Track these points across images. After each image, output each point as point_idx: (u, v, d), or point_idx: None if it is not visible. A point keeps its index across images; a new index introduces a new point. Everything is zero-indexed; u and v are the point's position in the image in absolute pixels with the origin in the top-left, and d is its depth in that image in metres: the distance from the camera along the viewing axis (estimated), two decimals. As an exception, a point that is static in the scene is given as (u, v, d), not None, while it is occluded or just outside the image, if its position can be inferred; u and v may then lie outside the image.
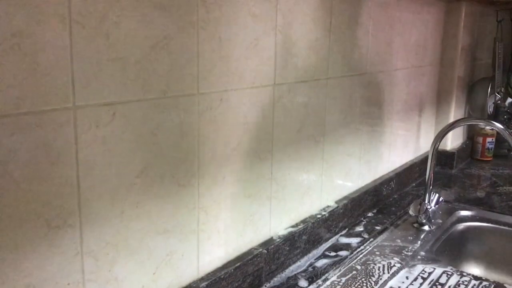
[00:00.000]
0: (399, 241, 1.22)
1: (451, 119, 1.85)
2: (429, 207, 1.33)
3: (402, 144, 1.63)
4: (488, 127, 1.98)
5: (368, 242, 1.21)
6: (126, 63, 0.67)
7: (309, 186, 1.14)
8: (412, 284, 1.02)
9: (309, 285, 1.00)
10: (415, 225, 1.32)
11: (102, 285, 0.69)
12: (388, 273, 1.06)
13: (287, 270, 1.05)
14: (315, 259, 1.11)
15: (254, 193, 0.96)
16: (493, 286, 1.03)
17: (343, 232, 1.26)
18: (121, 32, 0.66)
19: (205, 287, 0.84)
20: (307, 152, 1.11)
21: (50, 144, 0.60)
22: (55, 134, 0.60)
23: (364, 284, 1.01)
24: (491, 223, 1.42)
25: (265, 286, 0.99)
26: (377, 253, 1.15)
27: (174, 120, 0.76)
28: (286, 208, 1.07)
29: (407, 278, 1.05)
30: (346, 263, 1.09)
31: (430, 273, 1.07)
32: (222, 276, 0.87)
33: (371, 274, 1.05)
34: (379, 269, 1.07)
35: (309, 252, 1.13)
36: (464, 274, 1.07)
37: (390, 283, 1.02)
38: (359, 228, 1.30)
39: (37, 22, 0.57)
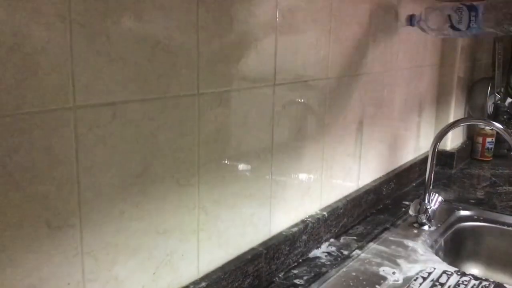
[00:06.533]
0: (399, 241, 1.22)
1: (451, 119, 1.85)
2: (429, 207, 1.33)
3: (402, 144, 1.63)
4: (488, 127, 1.98)
5: (368, 242, 1.21)
6: (126, 63, 0.67)
7: (309, 186, 1.14)
8: (412, 284, 1.02)
9: (309, 285, 1.00)
10: (415, 225, 1.32)
11: (102, 285, 0.69)
12: (388, 273, 1.06)
13: (287, 270, 1.05)
14: (315, 259, 1.11)
15: (254, 193, 0.96)
16: (493, 286, 1.03)
17: (343, 232, 1.26)
18: (121, 32, 0.66)
19: (205, 287, 0.84)
20: (307, 152, 1.11)
21: (50, 144, 0.60)
22: (55, 134, 0.60)
23: (364, 284, 1.01)
24: (491, 223, 1.42)
25: (265, 286, 0.99)
26: (377, 253, 1.15)
27: (174, 120, 0.76)
28: (286, 208, 1.07)
29: (407, 277, 1.05)
30: (346, 263, 1.09)
31: (430, 273, 1.07)
32: (222, 276, 0.87)
33: (371, 273, 1.05)
34: (379, 269, 1.07)
35: (309, 252, 1.13)
36: (464, 274, 1.07)
37: (390, 283, 1.02)
38: (359, 228, 1.30)
39: (37, 22, 0.57)
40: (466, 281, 1.04)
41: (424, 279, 1.05)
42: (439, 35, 1.37)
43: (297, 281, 1.01)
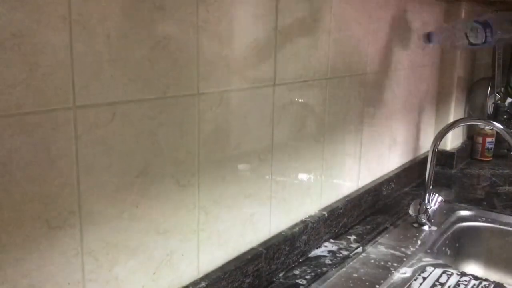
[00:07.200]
0: (399, 241, 1.22)
1: (451, 119, 1.85)
2: (429, 207, 1.33)
3: (402, 144, 1.63)
4: (488, 127, 1.98)
5: (368, 242, 1.21)
6: (126, 63, 0.67)
7: (309, 186, 1.14)
8: (413, 284, 1.02)
9: (309, 285, 1.00)
10: (415, 225, 1.32)
11: (102, 285, 0.69)
12: (388, 273, 1.06)
13: (287, 270, 1.05)
14: (315, 259, 1.11)
15: (254, 193, 0.96)
16: (493, 286, 1.03)
17: (343, 232, 1.26)
18: (121, 32, 0.66)
19: (205, 287, 0.84)
20: (307, 152, 1.11)
21: (50, 144, 0.60)
22: (55, 134, 0.60)
23: (364, 284, 1.01)
24: (491, 223, 1.42)
25: (265, 286, 0.99)
26: (377, 253, 1.15)
27: (174, 120, 0.76)
28: (286, 208, 1.07)
29: (407, 277, 1.05)
30: (346, 263, 1.09)
31: (430, 273, 1.07)
32: (222, 276, 0.87)
33: (371, 274, 1.05)
34: (379, 269, 1.07)
35: (309, 252, 1.13)
36: (464, 274, 1.07)
37: (390, 283, 1.02)
38: (359, 228, 1.30)
39: (37, 22, 0.57)
40: (466, 281, 1.04)
41: (424, 279, 1.05)
42: (456, 48, 1.47)
43: (297, 281, 1.01)
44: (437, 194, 1.37)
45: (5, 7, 0.54)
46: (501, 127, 1.25)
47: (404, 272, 1.07)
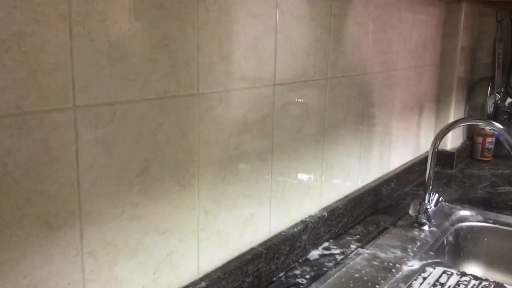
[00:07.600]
0: (399, 241, 1.22)
1: (451, 119, 1.85)
2: (429, 207, 1.33)
3: (402, 144, 1.63)
4: (488, 127, 1.98)
5: (368, 242, 1.21)
6: (126, 63, 0.67)
7: (309, 186, 1.14)
8: (412, 284, 1.02)
9: (309, 284, 1.00)
10: (415, 225, 1.32)
11: (102, 285, 0.69)
12: (388, 273, 1.06)
13: (287, 270, 1.05)
14: (315, 259, 1.11)
15: (254, 193, 0.96)
16: (493, 286, 1.03)
17: (343, 232, 1.26)
18: (121, 32, 0.66)
19: (205, 287, 0.84)
20: (307, 152, 1.11)
21: (50, 144, 0.60)
22: (55, 134, 0.60)
23: (364, 284, 1.01)
24: (491, 223, 1.42)
25: (265, 286, 0.99)
26: (377, 253, 1.15)
27: (174, 120, 0.76)
28: (286, 208, 1.07)
29: (407, 277, 1.05)
30: (346, 263, 1.09)
31: (430, 273, 1.07)
32: (222, 276, 0.87)
33: (371, 274, 1.05)
34: (379, 269, 1.07)
35: (309, 252, 1.13)
36: (464, 274, 1.07)
37: (390, 283, 1.02)
38: (359, 228, 1.30)
39: (37, 22, 0.57)
40: (466, 281, 1.04)
41: (424, 279, 1.05)
42: None
43: (297, 280, 1.01)
44: (437, 194, 1.37)
45: (5, 6, 0.54)
46: (501, 127, 1.25)
47: (404, 272, 1.07)
